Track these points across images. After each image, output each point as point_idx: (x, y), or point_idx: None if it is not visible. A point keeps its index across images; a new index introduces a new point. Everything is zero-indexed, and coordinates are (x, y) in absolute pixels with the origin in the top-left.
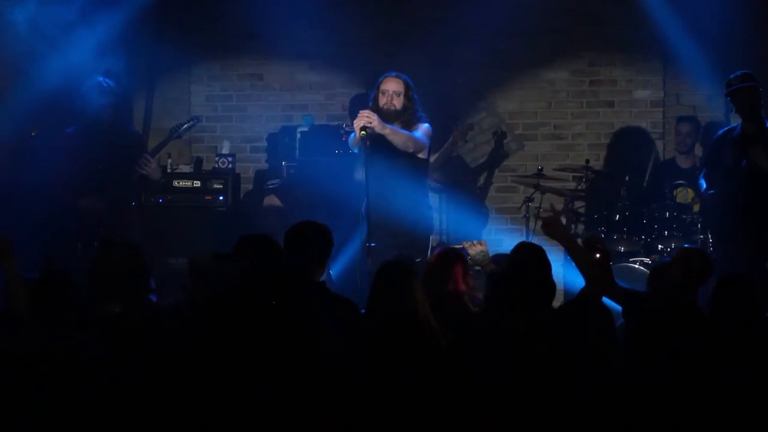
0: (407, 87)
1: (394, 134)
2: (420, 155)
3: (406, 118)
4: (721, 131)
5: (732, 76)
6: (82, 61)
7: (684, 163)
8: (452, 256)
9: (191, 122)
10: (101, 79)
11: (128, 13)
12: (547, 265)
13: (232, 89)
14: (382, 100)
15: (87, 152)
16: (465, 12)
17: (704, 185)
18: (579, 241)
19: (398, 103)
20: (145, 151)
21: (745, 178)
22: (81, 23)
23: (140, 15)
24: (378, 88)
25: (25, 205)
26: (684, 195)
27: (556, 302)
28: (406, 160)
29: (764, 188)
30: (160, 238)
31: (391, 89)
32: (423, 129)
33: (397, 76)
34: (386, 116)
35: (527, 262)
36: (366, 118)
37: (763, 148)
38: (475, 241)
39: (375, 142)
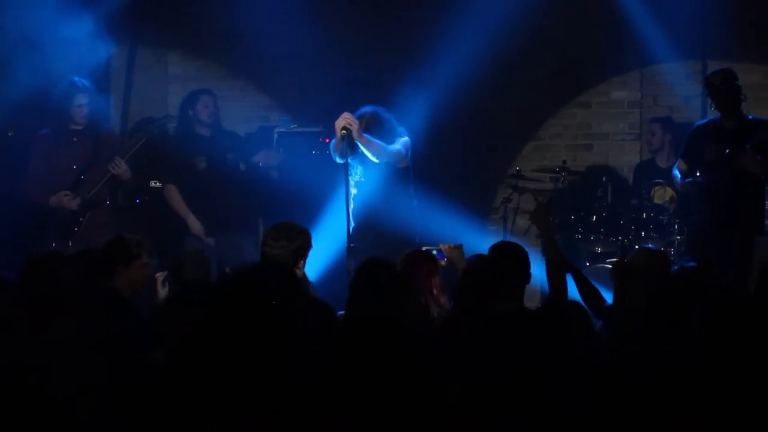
0: (369, 120)
1: (369, 144)
2: (400, 165)
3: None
4: (697, 124)
5: (710, 74)
6: (61, 60)
7: (663, 162)
8: (425, 258)
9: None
10: (76, 78)
11: (106, 12)
12: (526, 264)
13: None
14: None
15: (60, 153)
16: (446, 13)
17: (678, 176)
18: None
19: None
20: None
21: (731, 173)
22: (60, 22)
23: (118, 15)
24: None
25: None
26: (661, 194)
27: (535, 303)
28: (388, 165)
29: (750, 182)
30: None
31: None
32: (401, 141)
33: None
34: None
35: (506, 260)
36: (346, 119)
37: (752, 149)
38: (452, 244)
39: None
